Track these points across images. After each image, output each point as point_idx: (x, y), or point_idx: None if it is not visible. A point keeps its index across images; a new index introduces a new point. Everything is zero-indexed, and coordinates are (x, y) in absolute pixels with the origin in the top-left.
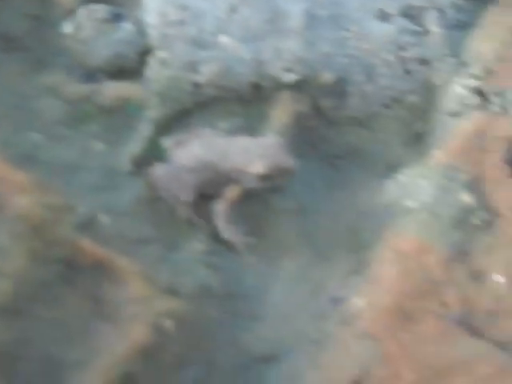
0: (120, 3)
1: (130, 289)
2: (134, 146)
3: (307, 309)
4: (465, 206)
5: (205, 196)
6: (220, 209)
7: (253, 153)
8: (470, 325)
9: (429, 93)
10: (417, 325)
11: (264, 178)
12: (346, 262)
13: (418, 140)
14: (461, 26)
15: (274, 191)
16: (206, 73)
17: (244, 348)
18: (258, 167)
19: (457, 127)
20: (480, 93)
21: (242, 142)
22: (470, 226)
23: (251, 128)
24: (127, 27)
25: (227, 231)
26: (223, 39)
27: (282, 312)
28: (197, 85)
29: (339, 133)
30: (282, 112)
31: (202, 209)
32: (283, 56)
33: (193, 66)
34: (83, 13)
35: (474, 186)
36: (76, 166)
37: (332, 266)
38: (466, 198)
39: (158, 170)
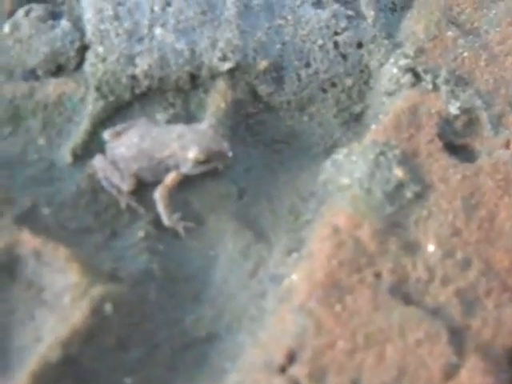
0: (59, 2)
1: (71, 276)
2: (74, 139)
3: (248, 288)
4: (397, 180)
5: (145, 184)
6: (159, 195)
7: (188, 139)
8: (403, 293)
9: (364, 74)
10: (350, 296)
11: (200, 162)
12: (286, 241)
13: (355, 121)
14: (395, 8)
15: (213, 176)
16: (143, 65)
17: (186, 328)
18: (193, 152)
19: (391, 105)
20: (413, 71)
21: (178, 130)
22: (402, 199)
23: (190, 117)
24: (64, 24)
25: (167, 217)
26: (158, 31)
27: (223, 292)
28: (134, 77)
29: (278, 118)
30: (219, 100)
31: (142, 196)
32: (218, 45)
33: (129, 59)
34: (21, 13)
35: (407, 160)
36: (18, 161)
37: (272, 245)
38: (399, 172)
39: (98, 161)
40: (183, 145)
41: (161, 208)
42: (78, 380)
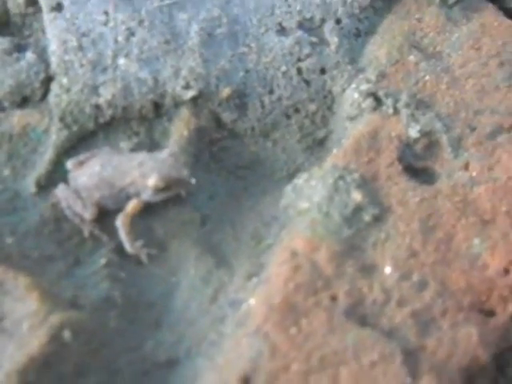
0: (25, 34)
1: (31, 304)
2: (39, 169)
3: (208, 313)
4: (356, 204)
5: (107, 212)
6: (121, 223)
7: (148, 167)
8: (358, 316)
9: (328, 100)
10: (306, 319)
11: (160, 189)
12: (247, 266)
13: (319, 146)
14: (359, 34)
15: (176, 204)
16: (106, 95)
17: (145, 354)
18: (152, 180)
19: (353, 130)
20: (374, 96)
21: (138, 157)
22: (360, 223)
23: (154, 145)
24: (30, 56)
25: (129, 243)
26: (122, 61)
27: (183, 318)
28: (98, 107)
29: (241, 144)
30: (182, 127)
31: (105, 224)
32: (181, 74)
33: (93, 89)
34: None
35: (366, 184)
36: None
37: (233, 271)
38: (357, 196)
39: (61, 191)
40: (143, 172)
41: (123, 235)
42: None
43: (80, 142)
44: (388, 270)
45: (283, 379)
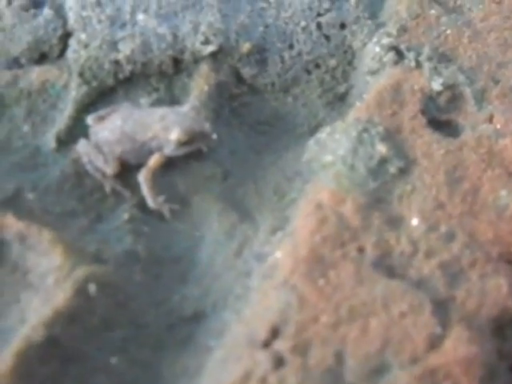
0: None
1: (55, 258)
2: (59, 125)
3: (233, 267)
4: (380, 156)
5: (129, 167)
6: (143, 178)
7: (170, 120)
8: (386, 267)
9: (348, 55)
10: (334, 270)
11: (182, 143)
12: (271, 220)
13: (340, 101)
14: None
15: (198, 158)
16: (125, 50)
17: (172, 308)
18: (175, 133)
19: (375, 84)
20: (396, 50)
21: (160, 112)
22: (386, 175)
23: (174, 101)
24: (47, 12)
25: (152, 199)
26: (140, 17)
27: (208, 272)
28: (117, 62)
29: (262, 99)
30: (202, 83)
31: (127, 180)
32: (200, 29)
33: (112, 45)
34: (3, 2)
35: (391, 136)
36: (2, 148)
37: (257, 225)
38: (382, 148)
39: (81, 146)
40: (165, 126)
41: (145, 190)
42: (62, 360)
43: (99, 97)
44: (415, 221)
45: (312, 330)
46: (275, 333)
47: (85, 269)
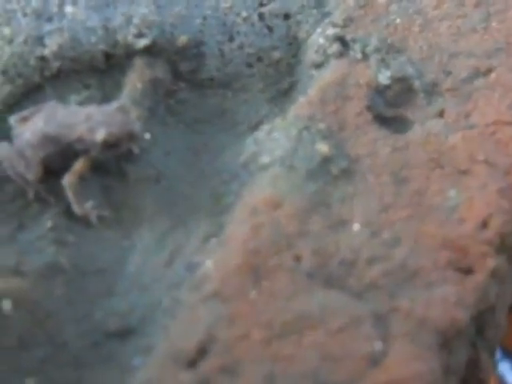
0: None
1: None
2: None
3: (163, 278)
4: (322, 157)
5: (54, 171)
6: (68, 182)
7: (96, 120)
8: (324, 277)
9: (293, 47)
10: (268, 281)
11: (108, 144)
12: (205, 226)
13: (284, 96)
14: None
15: (130, 160)
16: (52, 45)
17: (95, 325)
18: (100, 134)
19: (319, 78)
20: (341, 41)
21: (86, 111)
22: (328, 176)
23: (106, 98)
24: None
25: (77, 205)
26: (69, 9)
27: (137, 284)
28: (43, 58)
29: (201, 96)
30: (136, 79)
31: (52, 185)
32: (134, 21)
33: (38, 40)
34: None
35: (333, 134)
36: None
37: (190, 232)
38: (323, 147)
39: (2, 149)
40: (91, 127)
41: (70, 196)
42: None
43: (25, 96)
44: (357, 226)
45: (243, 348)
46: (202, 351)
47: (0, 283)
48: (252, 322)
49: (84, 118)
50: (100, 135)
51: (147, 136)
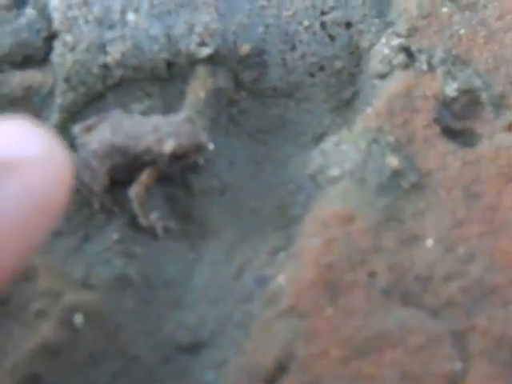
0: None
1: (40, 284)
2: None
3: (232, 291)
4: (392, 170)
5: (120, 182)
6: (134, 193)
7: (164, 131)
8: (400, 293)
9: (355, 57)
10: (343, 297)
11: (176, 156)
12: (273, 239)
13: (346, 106)
14: None
15: (195, 171)
16: (115, 53)
17: (165, 338)
18: (168, 146)
19: (384, 89)
20: (406, 51)
21: (153, 122)
22: (398, 190)
23: (168, 108)
24: (30, 13)
25: (143, 216)
26: (131, 17)
27: (205, 297)
28: (106, 66)
29: (263, 105)
30: (198, 88)
31: (117, 196)
32: (196, 30)
33: (100, 48)
34: None
35: (402, 147)
36: None
37: (257, 244)
38: (394, 160)
39: None
40: (159, 138)
41: (136, 207)
42: None
43: (87, 105)
44: (430, 242)
45: (322, 366)
46: (281, 368)
47: (71, 296)
48: (330, 339)
49: (152, 129)
50: (168, 147)
51: (211, 146)
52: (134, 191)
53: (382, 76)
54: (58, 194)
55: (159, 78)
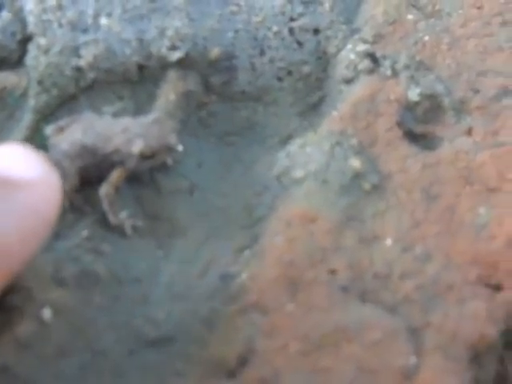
0: None
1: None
2: (16, 136)
3: (197, 288)
4: (354, 172)
5: (90, 181)
6: (104, 193)
7: (133, 132)
8: (359, 290)
9: (322, 62)
10: (304, 294)
11: (145, 156)
12: (239, 238)
13: (313, 110)
14: None
15: (163, 171)
16: (88, 56)
17: (133, 333)
18: (137, 146)
19: (349, 93)
20: (371, 57)
21: (123, 123)
22: (360, 191)
23: (139, 110)
24: (5, 16)
25: (112, 215)
26: (104, 21)
27: (172, 293)
28: (79, 69)
29: (232, 109)
30: (169, 91)
31: (87, 195)
32: (167, 34)
33: (73, 51)
34: None
35: (365, 150)
36: None
37: (223, 243)
38: (356, 162)
39: None
40: (128, 139)
41: (106, 206)
42: None
43: (60, 106)
44: (389, 241)
45: (282, 359)
46: (242, 362)
47: (42, 293)
48: (290, 334)
49: (121, 130)
50: (137, 147)
51: (180, 148)
52: (104, 190)
53: (348, 81)
54: (53, 209)
55: (131, 80)
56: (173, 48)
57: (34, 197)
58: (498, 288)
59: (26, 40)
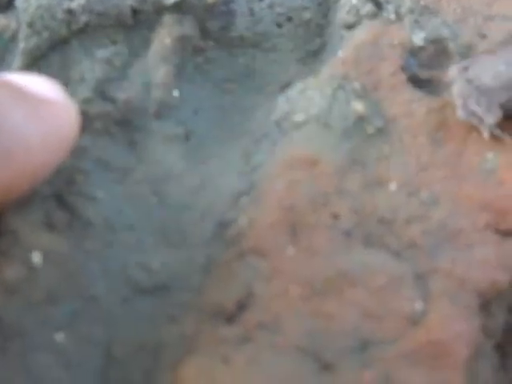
0: None
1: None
2: None
3: (193, 235)
4: (358, 115)
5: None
6: None
7: None
8: (363, 235)
9: (323, 8)
10: (305, 238)
11: None
12: (236, 184)
13: (313, 57)
14: None
15: (158, 118)
16: None
17: (127, 280)
18: None
19: (351, 38)
20: (374, 1)
21: None
22: (363, 135)
23: (133, 54)
24: None
25: None
26: None
27: (167, 241)
28: (71, 12)
29: (229, 55)
30: (164, 36)
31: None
32: None
33: None
34: None
35: (368, 94)
36: None
37: (220, 190)
38: (359, 106)
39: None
40: None
41: None
42: (1, 336)
43: (51, 49)
44: (394, 186)
45: (282, 304)
46: (241, 307)
47: (32, 236)
48: (291, 279)
49: None
50: None
51: (176, 93)
52: None
53: (350, 26)
54: (73, 131)
55: (125, 24)
56: None
57: (57, 112)
58: (508, 234)
59: None
